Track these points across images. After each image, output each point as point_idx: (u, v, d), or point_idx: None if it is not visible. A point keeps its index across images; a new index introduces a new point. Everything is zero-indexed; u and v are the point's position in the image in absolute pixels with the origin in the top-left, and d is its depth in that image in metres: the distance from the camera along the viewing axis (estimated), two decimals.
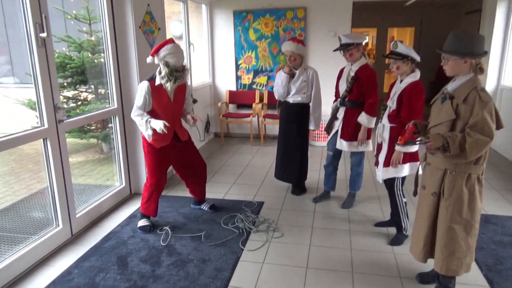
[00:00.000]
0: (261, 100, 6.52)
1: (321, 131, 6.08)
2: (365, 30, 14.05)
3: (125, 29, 3.85)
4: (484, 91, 2.09)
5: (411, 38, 10.79)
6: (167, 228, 3.40)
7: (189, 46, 5.53)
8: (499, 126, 2.11)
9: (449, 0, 8.49)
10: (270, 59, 6.41)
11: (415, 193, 2.56)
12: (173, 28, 6.66)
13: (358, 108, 3.58)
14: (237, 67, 6.58)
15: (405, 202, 3.16)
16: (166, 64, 3.03)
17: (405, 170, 3.02)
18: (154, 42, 4.28)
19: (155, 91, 3.11)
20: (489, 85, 5.86)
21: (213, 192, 4.28)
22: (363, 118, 3.54)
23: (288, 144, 4.11)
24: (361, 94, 3.55)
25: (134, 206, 3.94)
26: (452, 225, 2.24)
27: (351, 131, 3.63)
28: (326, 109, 4.53)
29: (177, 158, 3.44)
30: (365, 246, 3.14)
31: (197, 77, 6.41)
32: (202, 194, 3.80)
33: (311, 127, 4.04)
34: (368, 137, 3.64)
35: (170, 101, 3.20)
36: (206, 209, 3.81)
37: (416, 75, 2.94)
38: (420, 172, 2.63)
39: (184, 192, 4.24)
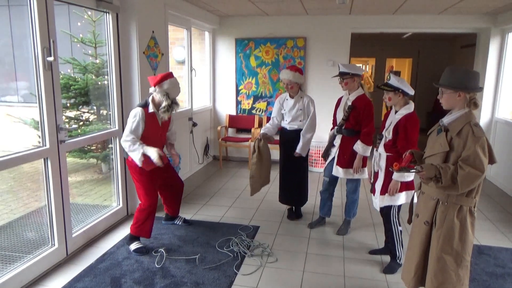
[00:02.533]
0: (260, 125, 6.62)
1: (318, 157, 6.15)
2: (364, 60, 14.38)
3: (129, 54, 3.98)
4: (477, 126, 2.17)
5: (409, 68, 11.03)
6: (162, 250, 3.42)
7: (191, 71, 5.68)
8: (491, 161, 2.18)
9: (445, 34, 8.75)
10: (270, 86, 6.56)
11: (409, 221, 2.61)
12: (176, 53, 6.83)
13: (354, 136, 3.67)
14: (238, 92, 6.72)
15: (401, 231, 3.20)
16: (167, 96, 3.23)
17: (401, 198, 3.08)
18: (157, 66, 4.41)
19: (148, 117, 3.26)
20: (484, 118, 5.98)
21: (209, 215, 4.31)
22: (358, 147, 3.62)
23: (287, 168, 4.18)
24: (357, 122, 3.65)
25: None
26: (443, 255, 2.27)
27: (347, 158, 3.70)
28: (323, 136, 4.62)
29: (161, 177, 3.54)
30: (359, 274, 3.15)
31: (198, 101, 6.54)
32: (177, 210, 4.00)
33: (297, 150, 3.98)
34: (364, 165, 3.71)
35: (159, 128, 3.40)
36: (179, 223, 4.06)
37: (410, 107, 3.04)
38: (415, 200, 2.69)
39: (180, 213, 4.27)
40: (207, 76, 6.69)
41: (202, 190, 5.21)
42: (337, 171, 3.78)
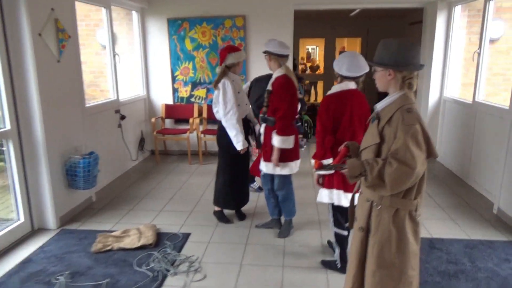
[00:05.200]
0: (200, 113, 6.05)
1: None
2: (313, 41, 14.03)
3: (19, 37, 3.26)
4: (410, 112, 1.73)
5: (359, 48, 10.79)
6: (61, 278, 2.78)
7: (114, 57, 4.97)
8: (430, 154, 1.77)
9: (393, 11, 8.49)
10: (208, 71, 5.96)
11: (350, 226, 2.18)
12: (100, 37, 6.05)
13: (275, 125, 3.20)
14: (174, 79, 6.07)
15: (346, 235, 2.81)
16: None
17: (323, 196, 2.76)
18: (63, 52, 3.71)
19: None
20: (432, 98, 5.75)
21: (134, 223, 3.73)
22: (273, 139, 3.16)
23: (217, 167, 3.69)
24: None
25: (35, 244, 3.31)
26: (377, 269, 1.86)
27: (268, 151, 3.24)
28: None
29: None
30: (300, 284, 2.73)
31: (129, 91, 5.84)
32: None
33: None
34: (292, 158, 3.25)
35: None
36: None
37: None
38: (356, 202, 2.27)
39: (97, 225, 3.67)
40: (138, 61, 5.98)
41: (131, 192, 4.59)
42: (263, 165, 3.33)
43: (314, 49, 15.77)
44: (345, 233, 2.81)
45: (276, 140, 3.11)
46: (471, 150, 4.71)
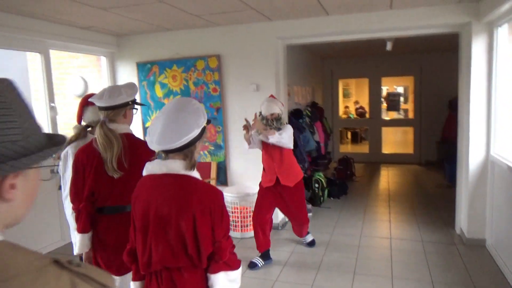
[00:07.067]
0: None
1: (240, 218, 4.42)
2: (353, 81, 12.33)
3: None
4: None
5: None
6: None
7: (51, 109, 4.25)
8: None
9: (445, 45, 6.82)
10: None
11: None
12: (73, 85, 5.52)
13: None
14: (145, 130, 5.21)
15: None
16: None
17: None
18: None
19: None
20: (474, 157, 4.01)
21: None
22: None
23: None
24: None
25: None
26: None
27: None
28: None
29: None
30: None
31: None
32: None
33: None
34: None
35: None
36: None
37: None
38: None
39: None
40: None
41: None
42: None
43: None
44: None
45: None
46: None
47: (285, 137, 3.42)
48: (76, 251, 2.27)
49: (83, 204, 2.15)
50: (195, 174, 1.63)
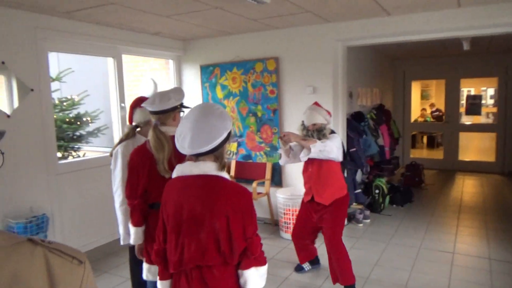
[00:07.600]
0: (228, 171, 5.20)
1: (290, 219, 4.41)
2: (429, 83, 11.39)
3: None
4: None
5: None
6: None
7: (121, 109, 4.65)
8: None
9: None
10: (239, 122, 5.13)
11: None
12: (144, 88, 5.96)
13: None
14: None
15: None
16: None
17: None
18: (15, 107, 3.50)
19: None
20: None
21: None
22: None
23: None
24: None
25: None
26: None
27: None
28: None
29: None
30: None
31: None
32: None
33: None
34: None
35: None
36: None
37: None
38: None
39: None
40: None
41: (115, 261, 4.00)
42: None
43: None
44: None
45: None
46: None
47: (329, 145, 3.00)
48: (131, 242, 2.39)
49: (137, 201, 2.30)
50: (225, 174, 1.69)
